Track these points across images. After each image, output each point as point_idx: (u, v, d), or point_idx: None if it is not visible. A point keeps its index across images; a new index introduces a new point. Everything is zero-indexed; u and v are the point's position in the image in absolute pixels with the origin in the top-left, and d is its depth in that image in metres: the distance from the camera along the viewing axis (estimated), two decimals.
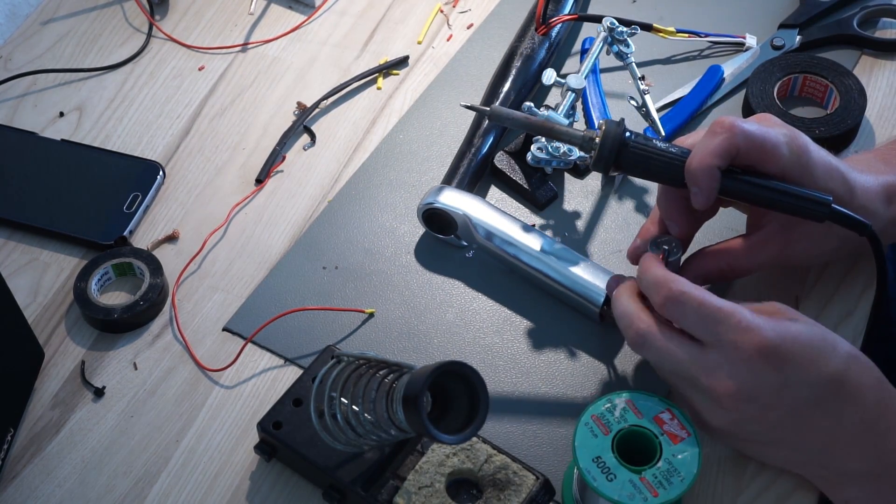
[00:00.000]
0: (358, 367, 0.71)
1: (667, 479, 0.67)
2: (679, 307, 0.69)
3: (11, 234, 0.90)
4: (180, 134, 0.97)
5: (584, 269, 0.82)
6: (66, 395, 0.81)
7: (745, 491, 0.75)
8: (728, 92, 0.98)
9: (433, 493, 0.71)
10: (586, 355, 0.82)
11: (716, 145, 0.72)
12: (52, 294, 0.86)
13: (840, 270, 0.86)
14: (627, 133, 0.75)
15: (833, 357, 0.68)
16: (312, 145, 0.96)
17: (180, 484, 0.77)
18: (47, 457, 0.78)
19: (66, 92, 1.00)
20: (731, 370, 0.67)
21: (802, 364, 0.67)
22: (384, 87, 1.01)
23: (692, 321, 0.69)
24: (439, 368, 0.64)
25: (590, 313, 0.83)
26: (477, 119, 0.93)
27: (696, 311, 0.68)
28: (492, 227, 0.85)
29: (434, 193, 0.86)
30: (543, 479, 0.73)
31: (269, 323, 0.83)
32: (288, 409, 0.75)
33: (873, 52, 1.01)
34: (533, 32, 0.97)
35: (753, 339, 0.67)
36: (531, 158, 0.86)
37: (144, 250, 0.87)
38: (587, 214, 0.91)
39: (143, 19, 1.05)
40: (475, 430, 0.66)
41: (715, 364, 0.68)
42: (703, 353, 0.68)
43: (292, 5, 1.08)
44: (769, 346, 0.67)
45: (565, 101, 0.87)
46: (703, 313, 0.68)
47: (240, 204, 0.92)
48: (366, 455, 0.73)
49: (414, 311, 0.85)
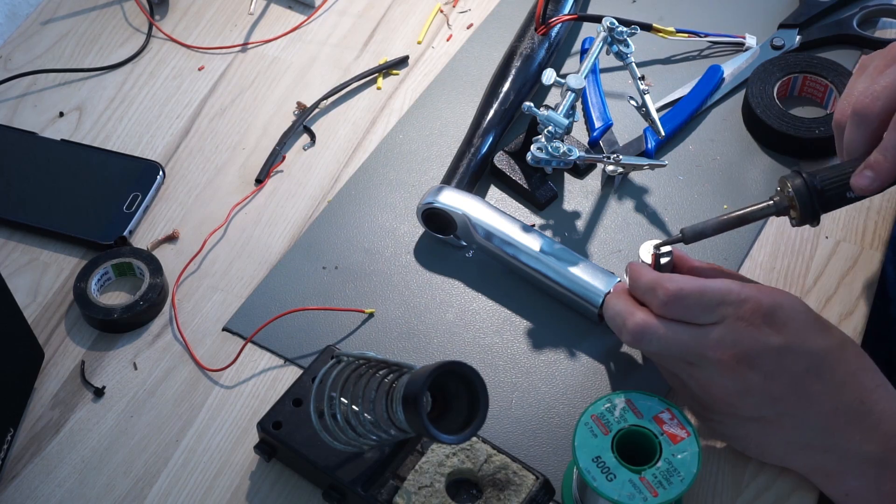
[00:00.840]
0: (358, 367, 0.71)
1: (667, 479, 0.68)
2: (681, 302, 0.70)
3: (11, 234, 0.90)
4: (180, 134, 0.97)
5: (583, 270, 0.82)
6: (66, 395, 0.81)
7: (745, 491, 0.75)
8: (728, 92, 0.98)
9: (433, 493, 0.71)
10: (586, 355, 0.82)
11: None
12: (52, 294, 0.86)
13: (840, 270, 0.86)
14: (808, 176, 0.73)
15: (830, 331, 0.71)
16: (312, 145, 0.96)
17: (180, 484, 0.77)
18: (47, 457, 0.78)
19: (65, 92, 1.00)
20: (736, 339, 0.69)
21: (801, 330, 0.70)
22: (384, 87, 1.01)
23: (696, 312, 0.70)
24: (439, 368, 0.64)
25: (589, 314, 0.83)
26: (476, 119, 0.93)
27: (697, 301, 0.70)
28: (491, 227, 0.85)
29: (433, 193, 0.86)
30: (543, 478, 0.73)
31: (269, 323, 0.83)
32: (288, 408, 0.75)
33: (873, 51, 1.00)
34: (533, 32, 0.97)
35: (753, 307, 0.69)
36: (531, 158, 0.86)
37: (144, 250, 0.87)
38: (587, 214, 0.91)
39: (143, 19, 1.06)
40: (475, 430, 0.66)
41: (719, 337, 0.69)
42: (706, 332, 0.70)
43: (292, 5, 1.08)
44: (767, 309, 0.69)
45: (565, 101, 0.87)
46: (705, 301, 0.69)
47: (240, 204, 0.92)
48: (366, 455, 0.73)
49: (414, 311, 0.85)
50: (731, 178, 0.92)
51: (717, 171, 0.93)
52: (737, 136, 0.95)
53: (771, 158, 0.93)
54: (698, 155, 0.94)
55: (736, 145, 0.95)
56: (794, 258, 0.88)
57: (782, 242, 0.89)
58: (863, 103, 0.72)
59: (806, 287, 0.86)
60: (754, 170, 0.93)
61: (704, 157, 0.94)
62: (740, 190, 0.92)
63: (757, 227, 0.89)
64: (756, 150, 0.94)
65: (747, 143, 0.95)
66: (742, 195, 0.91)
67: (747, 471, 0.76)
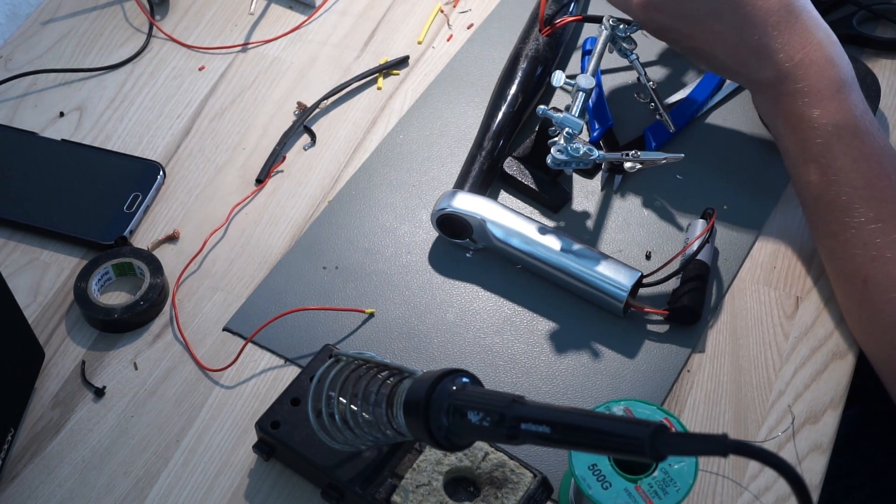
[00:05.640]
0: (357, 367, 0.71)
1: (662, 489, 0.67)
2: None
3: (11, 234, 0.90)
4: (180, 134, 0.97)
5: (606, 266, 0.83)
6: (67, 395, 0.81)
7: (745, 491, 0.75)
8: (730, 93, 0.98)
9: (431, 492, 0.71)
10: (586, 356, 0.82)
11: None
12: (52, 294, 0.87)
13: None
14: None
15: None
16: (312, 145, 0.96)
17: (180, 484, 0.77)
18: (47, 457, 0.78)
19: (66, 92, 1.00)
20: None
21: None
22: (384, 87, 1.01)
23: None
24: (442, 377, 0.63)
25: (613, 308, 0.83)
26: (485, 121, 0.93)
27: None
28: (511, 229, 0.85)
29: (447, 198, 0.86)
30: (541, 476, 0.73)
31: (270, 323, 0.83)
32: (286, 408, 0.75)
33: (873, 51, 1.01)
34: (537, 34, 0.97)
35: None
36: (552, 161, 0.86)
37: (144, 250, 0.87)
38: (587, 215, 0.91)
39: (144, 19, 1.06)
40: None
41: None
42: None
43: (292, 5, 1.08)
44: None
45: (577, 102, 0.86)
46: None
47: (240, 204, 0.92)
48: (364, 454, 0.73)
49: (414, 311, 0.85)
50: (731, 178, 0.92)
51: (717, 172, 0.93)
52: (737, 137, 0.95)
53: (771, 158, 0.93)
54: (698, 155, 0.94)
55: (736, 145, 0.95)
56: (794, 258, 0.88)
57: (782, 242, 0.89)
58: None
59: (806, 287, 0.86)
60: (754, 170, 0.93)
61: (704, 157, 0.94)
62: (740, 190, 0.92)
63: (757, 227, 0.89)
64: (756, 150, 0.94)
65: (747, 144, 0.95)
66: (742, 195, 0.91)
67: (747, 471, 0.76)
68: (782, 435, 0.78)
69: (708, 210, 0.87)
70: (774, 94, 0.84)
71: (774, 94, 0.84)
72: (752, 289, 0.86)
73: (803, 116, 0.82)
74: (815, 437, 0.78)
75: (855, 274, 0.80)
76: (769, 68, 0.83)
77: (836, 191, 0.80)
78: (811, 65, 0.82)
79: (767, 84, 0.84)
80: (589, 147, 0.86)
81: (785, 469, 0.51)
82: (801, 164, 0.83)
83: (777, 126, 0.85)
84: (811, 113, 0.81)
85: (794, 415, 0.79)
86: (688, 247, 0.85)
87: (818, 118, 0.81)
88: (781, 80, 0.83)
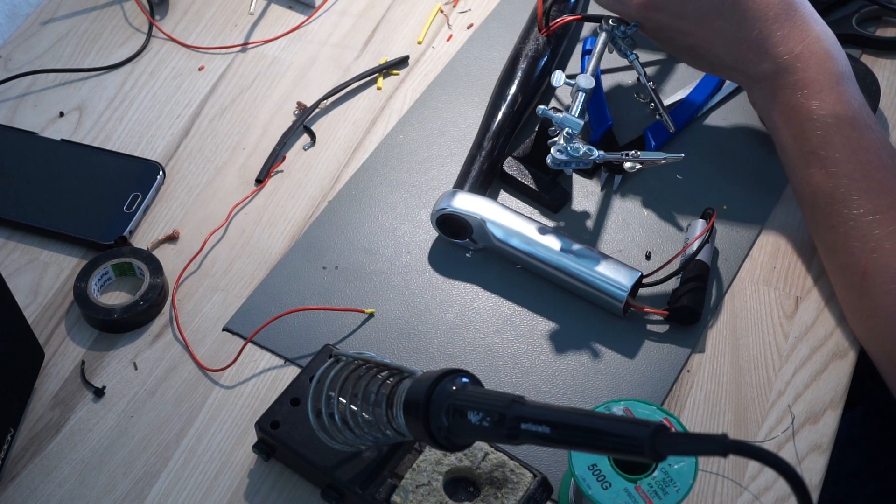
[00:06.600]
0: (357, 367, 0.71)
1: (662, 489, 0.67)
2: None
3: (11, 234, 0.90)
4: (180, 134, 0.97)
5: (606, 266, 0.83)
6: (66, 395, 0.81)
7: (745, 491, 0.75)
8: (730, 93, 0.98)
9: (430, 492, 0.71)
10: (586, 356, 0.82)
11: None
12: (52, 294, 0.86)
13: None
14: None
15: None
16: (312, 145, 0.96)
17: (180, 484, 0.77)
18: (47, 457, 0.78)
19: (66, 92, 1.00)
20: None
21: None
22: (384, 87, 1.01)
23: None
24: (442, 377, 0.63)
25: (613, 308, 0.83)
26: (485, 121, 0.93)
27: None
28: (511, 229, 0.85)
29: (447, 198, 0.86)
30: (541, 476, 0.73)
31: (269, 323, 0.83)
32: (286, 408, 0.75)
33: (873, 50, 1.01)
34: (536, 34, 0.97)
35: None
36: (552, 161, 0.86)
37: (144, 250, 0.87)
38: (587, 215, 0.91)
39: (143, 19, 1.06)
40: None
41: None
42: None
43: (292, 5, 1.08)
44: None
45: (577, 102, 0.86)
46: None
47: (240, 204, 0.92)
48: (363, 454, 0.73)
49: (414, 311, 0.85)
50: (731, 178, 0.92)
51: (717, 172, 0.93)
52: (737, 137, 0.95)
53: (770, 158, 0.93)
54: (698, 155, 0.94)
55: (736, 145, 0.95)
56: (794, 258, 0.88)
57: (782, 242, 0.89)
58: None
59: (806, 287, 0.86)
60: (754, 170, 0.93)
61: (704, 157, 0.94)
62: (740, 190, 0.91)
63: (757, 227, 0.89)
64: (756, 150, 0.94)
65: (747, 144, 0.95)
66: (742, 195, 0.91)
67: (747, 471, 0.76)
68: (782, 435, 0.78)
69: (708, 210, 0.87)
70: (772, 87, 0.84)
71: (772, 88, 0.84)
72: (752, 289, 0.86)
73: (802, 108, 0.82)
74: (814, 437, 0.78)
75: (854, 266, 0.80)
76: (768, 62, 0.83)
77: (834, 183, 0.80)
78: (811, 57, 0.82)
79: (764, 78, 0.84)
80: (589, 147, 0.85)
81: (785, 469, 0.51)
82: (799, 157, 0.83)
83: (774, 120, 0.85)
84: (810, 105, 0.81)
85: (794, 415, 0.79)
86: (688, 247, 0.85)
87: (817, 109, 0.81)
88: (780, 72, 0.83)
